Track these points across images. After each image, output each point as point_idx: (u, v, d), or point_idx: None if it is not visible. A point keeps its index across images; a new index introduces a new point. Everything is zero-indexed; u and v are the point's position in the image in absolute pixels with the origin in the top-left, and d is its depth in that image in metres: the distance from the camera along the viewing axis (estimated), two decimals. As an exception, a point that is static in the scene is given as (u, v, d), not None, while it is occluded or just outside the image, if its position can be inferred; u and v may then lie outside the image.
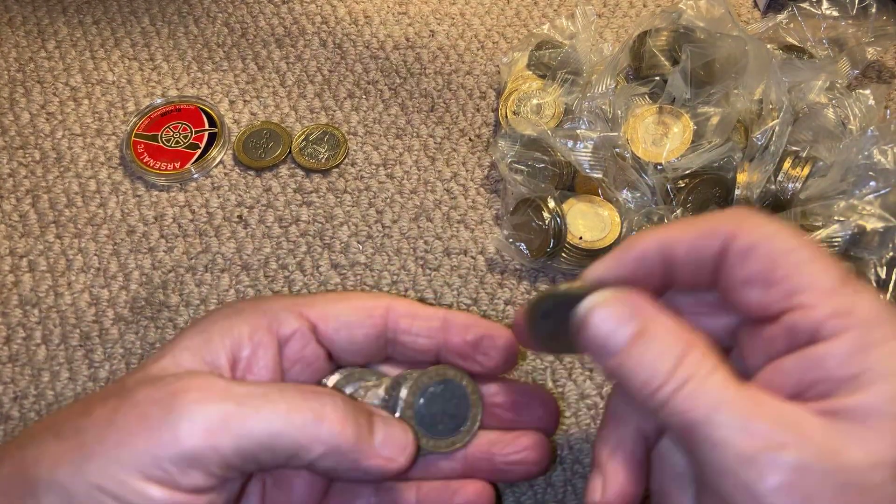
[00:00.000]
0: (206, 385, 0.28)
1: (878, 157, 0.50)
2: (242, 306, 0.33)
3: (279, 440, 0.28)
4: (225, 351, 0.30)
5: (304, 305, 0.33)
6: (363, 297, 0.34)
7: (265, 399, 0.28)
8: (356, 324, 0.33)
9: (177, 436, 0.27)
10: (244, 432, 0.27)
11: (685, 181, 0.53)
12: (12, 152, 0.63)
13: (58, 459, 0.28)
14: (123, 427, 0.27)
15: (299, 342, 0.32)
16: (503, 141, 0.56)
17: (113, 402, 0.28)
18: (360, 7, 0.71)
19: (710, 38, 0.56)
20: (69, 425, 0.28)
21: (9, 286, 0.56)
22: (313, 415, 0.28)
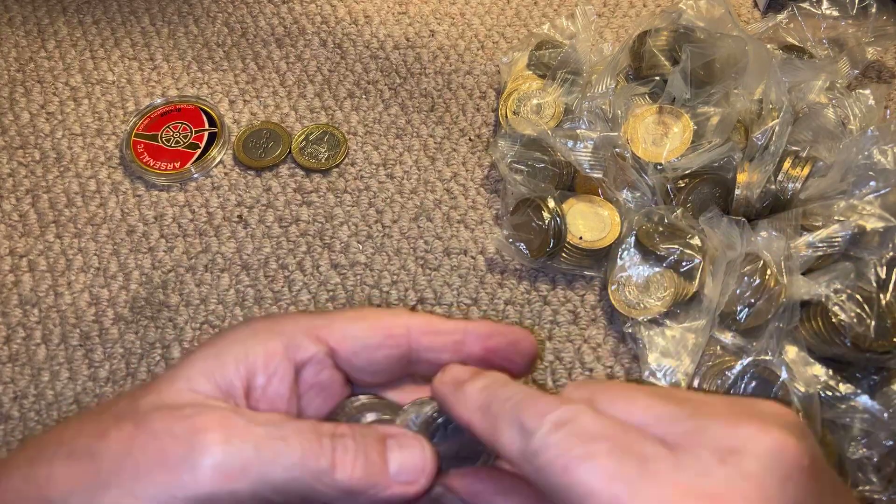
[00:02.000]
0: (225, 424, 0.28)
1: (878, 157, 0.50)
2: (258, 327, 0.32)
3: (294, 485, 0.28)
4: (240, 378, 0.30)
5: (321, 328, 0.32)
6: (381, 316, 0.34)
7: (284, 443, 0.28)
8: (376, 345, 0.33)
9: (196, 477, 0.27)
10: (261, 478, 0.28)
11: (685, 181, 0.53)
12: (12, 152, 0.63)
13: (71, 483, 0.27)
14: (141, 459, 0.27)
15: (316, 367, 0.32)
16: (503, 141, 0.56)
17: (129, 427, 0.28)
18: (360, 7, 0.71)
19: (710, 38, 0.56)
20: (82, 445, 0.28)
21: (9, 286, 0.56)
22: (327, 462, 0.29)
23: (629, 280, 0.52)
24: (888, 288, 0.48)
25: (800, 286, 0.48)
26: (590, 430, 0.25)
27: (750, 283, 0.48)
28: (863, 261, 0.49)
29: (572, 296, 0.55)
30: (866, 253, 0.49)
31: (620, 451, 0.24)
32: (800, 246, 0.49)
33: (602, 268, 0.55)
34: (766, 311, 0.48)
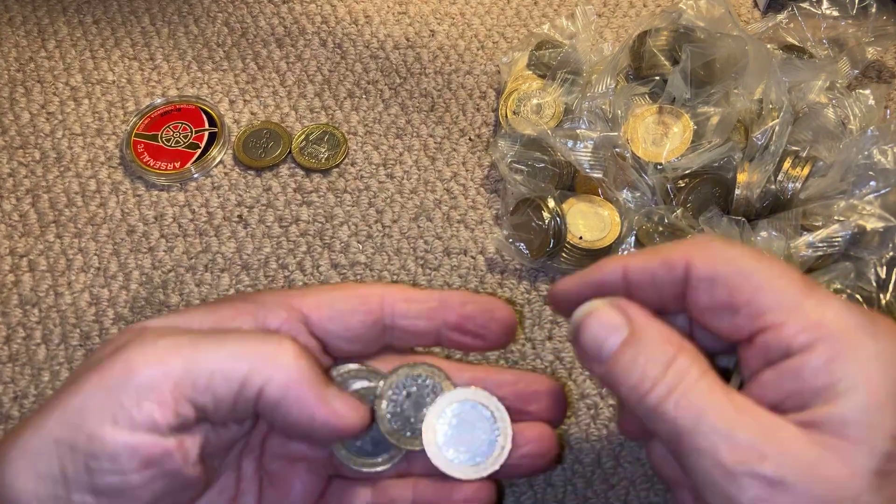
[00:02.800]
0: (163, 327, 0.29)
1: (878, 157, 0.50)
2: (230, 298, 0.33)
3: (232, 372, 0.28)
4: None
5: (294, 296, 0.33)
6: (357, 286, 0.34)
7: (222, 335, 0.29)
8: (350, 311, 0.33)
9: (129, 366, 0.27)
10: (196, 359, 0.28)
11: (685, 181, 0.53)
12: (12, 152, 0.63)
13: (18, 430, 0.28)
14: (82, 378, 0.28)
15: (288, 334, 0.32)
16: (503, 141, 0.56)
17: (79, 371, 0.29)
18: (360, 7, 0.71)
19: (710, 38, 0.56)
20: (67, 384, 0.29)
21: (9, 286, 0.56)
22: (269, 349, 0.29)
23: (629, 280, 0.52)
24: (888, 288, 0.48)
25: (800, 286, 0.48)
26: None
27: (750, 283, 0.48)
28: (863, 261, 0.49)
29: (572, 296, 0.55)
30: (866, 253, 0.49)
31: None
32: (800, 246, 0.49)
33: (602, 268, 0.55)
34: (766, 311, 0.48)
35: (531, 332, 0.53)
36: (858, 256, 0.49)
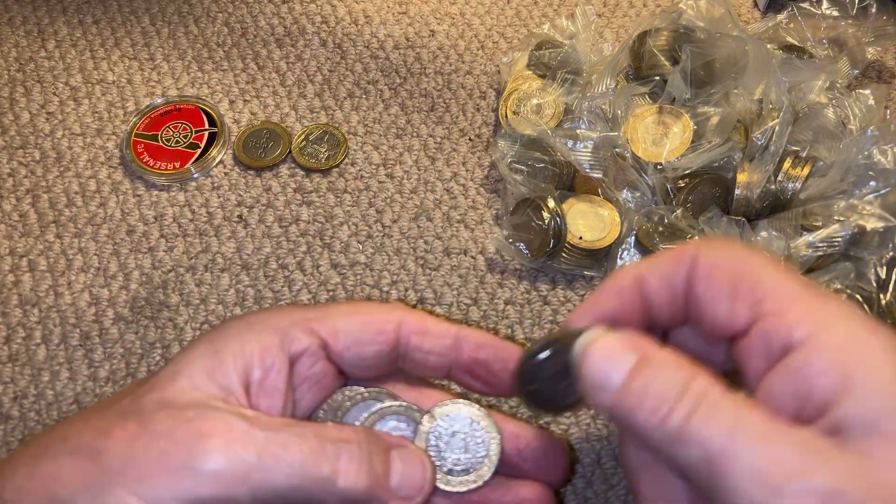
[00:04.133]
0: (227, 429, 0.28)
1: (878, 157, 0.50)
2: (253, 320, 0.32)
3: (295, 491, 0.28)
4: (238, 374, 0.30)
5: (314, 320, 0.32)
6: (374, 311, 0.33)
7: (285, 450, 0.28)
8: (367, 341, 0.33)
9: (197, 482, 0.27)
10: (262, 484, 0.28)
11: (685, 181, 0.53)
12: (12, 152, 0.63)
13: (76, 481, 0.28)
14: (144, 460, 0.27)
15: (310, 360, 0.32)
16: (503, 141, 0.56)
17: (133, 427, 0.28)
18: (360, 7, 0.71)
19: (710, 38, 0.56)
20: (87, 442, 0.28)
21: (9, 286, 0.56)
22: (330, 468, 0.29)
23: (629, 280, 0.52)
24: (888, 288, 0.48)
25: (800, 286, 0.48)
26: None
27: (750, 283, 0.48)
28: (863, 261, 0.49)
29: (572, 296, 0.55)
30: (866, 253, 0.49)
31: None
32: (800, 246, 0.49)
33: (602, 268, 0.55)
34: (766, 311, 0.48)
35: (531, 332, 0.53)
36: (858, 256, 0.49)
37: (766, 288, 0.26)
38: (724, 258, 0.28)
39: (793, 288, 0.26)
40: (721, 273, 0.27)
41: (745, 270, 0.27)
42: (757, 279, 0.26)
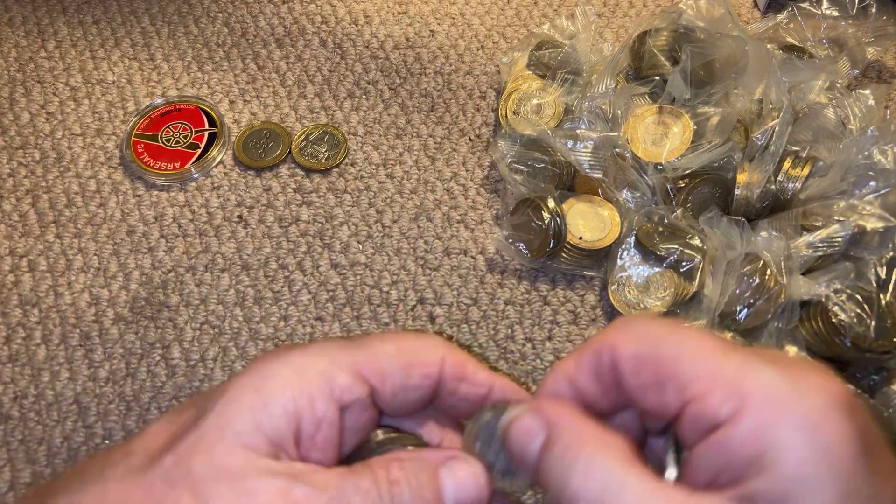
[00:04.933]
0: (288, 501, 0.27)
1: (878, 157, 0.50)
2: (297, 362, 0.31)
3: None
4: (289, 428, 0.29)
5: (363, 364, 0.31)
6: (418, 351, 0.32)
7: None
8: (413, 386, 0.32)
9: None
10: None
11: (685, 181, 0.53)
12: (12, 152, 0.63)
13: None
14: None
15: (359, 409, 0.31)
16: (503, 141, 0.56)
17: (187, 499, 0.27)
18: (360, 7, 0.71)
19: (710, 38, 0.56)
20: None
21: (9, 286, 0.56)
22: None
23: (629, 280, 0.52)
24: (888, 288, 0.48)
25: (800, 286, 0.48)
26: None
27: (750, 283, 0.48)
28: (863, 261, 0.49)
29: (572, 296, 0.55)
30: (866, 253, 0.49)
31: None
32: (800, 246, 0.49)
33: (602, 268, 0.55)
34: (766, 311, 0.48)
35: (531, 332, 0.53)
36: (858, 256, 0.49)
37: (686, 372, 0.26)
38: (641, 348, 0.28)
39: (713, 365, 0.26)
40: (642, 365, 0.27)
41: (664, 356, 0.27)
42: (676, 365, 0.27)
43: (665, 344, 0.27)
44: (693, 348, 0.27)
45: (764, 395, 0.25)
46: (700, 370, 0.26)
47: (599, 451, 0.26)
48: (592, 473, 0.26)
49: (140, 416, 0.51)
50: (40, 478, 0.49)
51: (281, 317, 0.55)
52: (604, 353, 0.28)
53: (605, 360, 0.28)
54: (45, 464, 0.50)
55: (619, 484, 0.25)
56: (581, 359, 0.29)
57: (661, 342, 0.27)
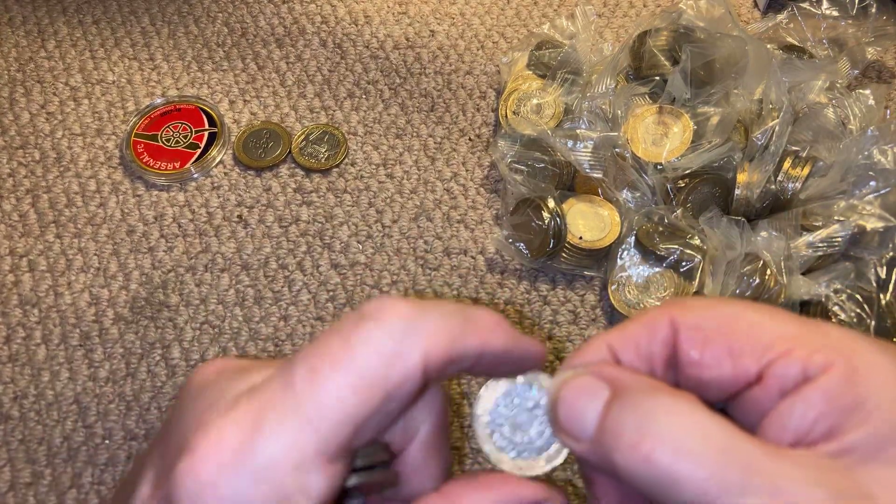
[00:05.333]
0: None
1: (878, 157, 0.50)
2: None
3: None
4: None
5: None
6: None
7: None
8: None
9: None
10: None
11: (685, 181, 0.53)
12: (12, 152, 0.63)
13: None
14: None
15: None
16: (503, 141, 0.56)
17: None
18: (360, 7, 0.71)
19: (710, 38, 0.56)
20: None
21: (9, 286, 0.56)
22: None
23: (629, 280, 0.52)
24: (888, 288, 0.48)
25: (800, 286, 0.48)
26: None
27: (750, 283, 0.48)
28: (863, 261, 0.49)
29: (572, 296, 0.55)
30: (866, 253, 0.49)
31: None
32: (800, 246, 0.49)
33: (602, 268, 0.55)
34: (766, 311, 0.48)
35: (531, 332, 0.53)
36: (858, 256, 0.49)
37: (766, 335, 0.25)
38: (705, 318, 0.26)
39: (790, 325, 0.25)
40: (711, 334, 0.25)
41: (733, 321, 0.25)
42: (750, 327, 0.25)
43: (730, 312, 0.25)
44: (762, 314, 0.25)
45: (853, 347, 0.24)
46: (781, 330, 0.25)
47: (680, 400, 0.23)
48: (677, 421, 0.22)
49: (140, 416, 0.51)
50: (40, 478, 0.49)
51: (281, 317, 0.55)
52: (658, 325, 0.26)
53: (659, 333, 0.26)
54: (45, 464, 0.50)
55: (707, 430, 0.22)
56: (626, 331, 0.27)
57: (727, 311, 0.26)
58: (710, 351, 0.25)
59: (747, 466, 0.22)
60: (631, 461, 0.22)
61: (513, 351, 0.25)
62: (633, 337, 0.27)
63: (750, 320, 0.25)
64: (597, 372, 0.25)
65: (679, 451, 0.22)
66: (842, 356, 0.24)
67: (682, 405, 0.23)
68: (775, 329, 0.25)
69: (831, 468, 0.22)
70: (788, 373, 0.24)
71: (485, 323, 0.24)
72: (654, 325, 0.26)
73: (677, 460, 0.22)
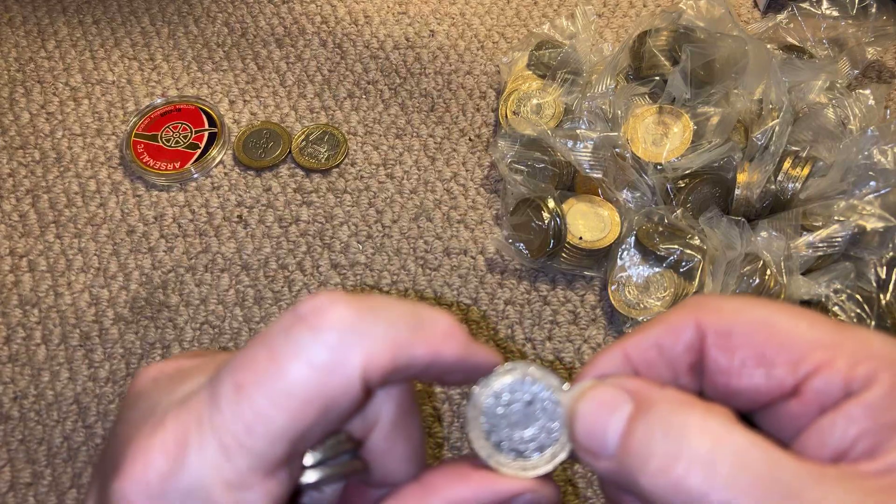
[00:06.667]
0: None
1: (878, 157, 0.50)
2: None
3: None
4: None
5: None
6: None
7: None
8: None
9: None
10: None
11: (685, 181, 0.53)
12: (12, 152, 0.63)
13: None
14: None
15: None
16: (503, 141, 0.56)
17: None
18: (360, 7, 0.71)
19: (710, 38, 0.56)
20: None
21: (9, 286, 0.56)
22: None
23: (629, 280, 0.52)
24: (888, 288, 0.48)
25: (800, 286, 0.48)
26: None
27: (750, 283, 0.48)
28: (863, 261, 0.49)
29: (572, 296, 0.55)
30: (866, 253, 0.49)
31: None
32: (800, 246, 0.49)
33: (602, 268, 0.55)
34: (766, 311, 0.48)
35: (531, 332, 0.53)
36: (858, 256, 0.49)
37: (801, 342, 0.23)
38: (735, 322, 0.23)
39: (828, 332, 0.23)
40: (741, 339, 0.23)
41: (765, 327, 0.23)
42: (785, 335, 0.23)
43: (762, 317, 0.23)
44: (795, 319, 0.23)
45: (892, 354, 0.22)
46: (818, 337, 0.23)
47: (714, 417, 0.21)
48: (712, 442, 0.20)
49: (140, 416, 0.51)
50: (40, 478, 0.49)
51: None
52: (682, 330, 0.24)
53: (683, 339, 0.24)
54: (45, 464, 0.50)
55: (746, 453, 0.20)
56: (645, 338, 0.25)
57: (757, 315, 0.23)
58: (741, 358, 0.23)
59: (790, 494, 0.20)
60: (660, 486, 0.20)
61: (465, 361, 0.24)
62: (654, 340, 0.25)
63: (783, 324, 0.23)
64: (617, 383, 0.23)
65: (715, 477, 0.20)
66: (887, 369, 0.22)
67: (717, 423, 0.21)
68: (811, 335, 0.23)
69: (876, 490, 0.20)
70: (829, 388, 0.22)
71: (437, 331, 0.23)
72: (677, 327, 0.24)
73: (713, 488, 0.20)
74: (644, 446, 0.21)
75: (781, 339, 0.23)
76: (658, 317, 0.25)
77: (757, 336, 0.23)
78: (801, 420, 0.23)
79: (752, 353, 0.23)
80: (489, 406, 0.26)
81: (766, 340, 0.23)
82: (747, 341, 0.23)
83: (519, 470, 0.26)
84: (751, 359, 0.23)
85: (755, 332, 0.23)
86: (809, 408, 0.23)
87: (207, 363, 0.23)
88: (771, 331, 0.23)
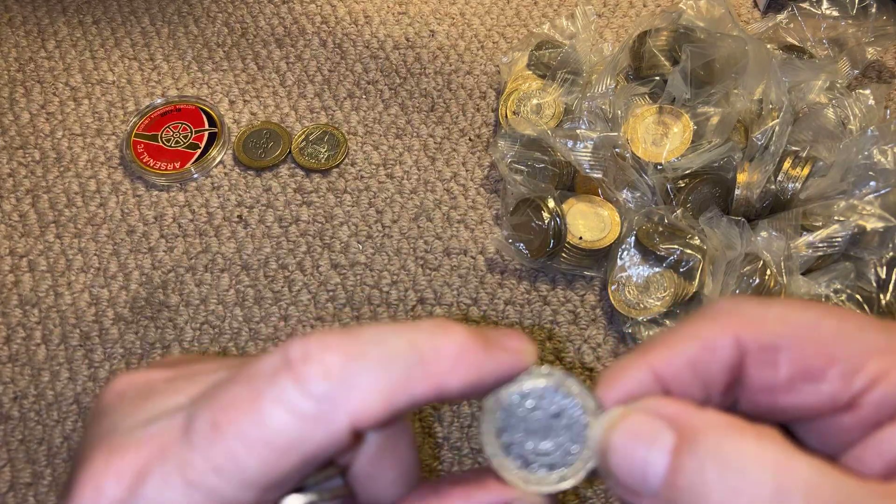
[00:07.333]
0: None
1: (878, 157, 0.50)
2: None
3: None
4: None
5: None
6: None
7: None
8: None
9: None
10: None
11: (685, 181, 0.53)
12: (12, 152, 0.63)
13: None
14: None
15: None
16: (503, 141, 0.56)
17: None
18: (360, 7, 0.71)
19: (710, 38, 0.56)
20: None
21: (9, 286, 0.56)
22: None
23: (629, 280, 0.52)
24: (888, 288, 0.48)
25: (800, 286, 0.48)
26: None
27: (750, 284, 0.48)
28: (863, 261, 0.49)
29: (572, 296, 0.55)
30: (866, 253, 0.49)
31: None
32: (800, 246, 0.49)
33: (602, 268, 0.55)
34: (766, 311, 0.47)
35: (531, 332, 0.53)
36: (858, 256, 0.49)
37: (852, 351, 0.21)
38: (779, 335, 0.21)
39: (881, 338, 0.21)
40: (787, 354, 0.21)
41: (813, 339, 0.21)
42: (834, 345, 0.21)
43: (807, 325, 0.21)
44: (848, 319, 0.21)
45: None
46: (870, 343, 0.21)
47: (770, 444, 0.19)
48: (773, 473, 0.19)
49: (140, 416, 0.51)
50: (40, 478, 0.49)
51: (281, 317, 0.55)
52: (720, 349, 0.22)
53: (721, 355, 0.22)
54: (45, 464, 0.50)
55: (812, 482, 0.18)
56: (676, 356, 0.22)
57: (805, 322, 0.22)
58: (788, 374, 0.22)
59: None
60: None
61: (482, 380, 0.22)
62: (687, 359, 0.22)
63: (831, 332, 0.21)
64: (652, 409, 0.21)
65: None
66: None
67: (775, 450, 0.19)
68: (862, 341, 0.21)
69: None
70: (888, 401, 0.21)
71: (441, 361, 0.20)
72: (714, 346, 0.22)
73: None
74: (696, 483, 0.19)
75: (831, 350, 0.21)
76: (688, 327, 0.23)
77: (804, 347, 0.21)
78: (852, 433, 0.21)
79: (799, 368, 0.21)
80: (512, 403, 0.24)
81: (814, 351, 0.21)
82: (794, 355, 0.21)
83: (520, 481, 0.24)
84: (799, 373, 0.21)
85: (801, 343, 0.21)
86: (865, 422, 0.21)
87: (179, 381, 0.22)
88: (819, 341, 0.21)
